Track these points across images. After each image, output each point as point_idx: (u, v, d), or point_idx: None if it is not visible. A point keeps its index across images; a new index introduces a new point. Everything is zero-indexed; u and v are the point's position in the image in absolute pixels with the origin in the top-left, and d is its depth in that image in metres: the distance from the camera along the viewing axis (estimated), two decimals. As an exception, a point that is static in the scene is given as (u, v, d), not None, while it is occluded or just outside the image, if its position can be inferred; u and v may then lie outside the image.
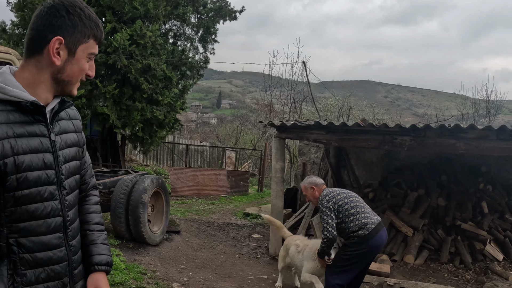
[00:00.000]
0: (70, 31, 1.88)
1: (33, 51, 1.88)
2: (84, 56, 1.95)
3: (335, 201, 5.93)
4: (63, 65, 1.90)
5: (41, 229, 1.89)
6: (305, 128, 9.21)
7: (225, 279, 7.39)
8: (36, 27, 1.87)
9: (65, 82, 1.95)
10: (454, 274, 8.79)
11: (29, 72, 1.89)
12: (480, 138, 7.98)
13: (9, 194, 1.80)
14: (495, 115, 28.83)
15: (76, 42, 1.91)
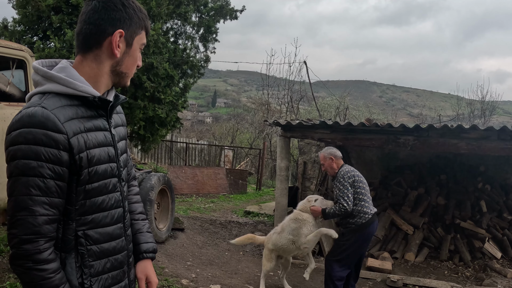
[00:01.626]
0: (128, 24, 1.92)
1: (91, 45, 1.89)
2: (138, 47, 2.00)
3: (354, 180, 6.17)
4: (121, 57, 1.94)
5: (106, 220, 1.95)
6: (310, 127, 9.33)
7: (232, 275, 7.49)
8: (94, 21, 1.87)
9: (123, 74, 1.98)
10: (453, 271, 8.93)
11: (88, 66, 1.91)
12: (481, 138, 8.12)
13: (81, 188, 1.83)
14: (490, 115, 28.98)
15: (132, 34, 1.95)
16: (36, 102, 1.76)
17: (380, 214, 10.08)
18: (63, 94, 1.82)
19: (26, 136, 1.68)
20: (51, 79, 1.83)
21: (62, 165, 1.74)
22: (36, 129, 1.69)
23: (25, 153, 1.68)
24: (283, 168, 9.86)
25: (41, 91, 1.82)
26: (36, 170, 1.69)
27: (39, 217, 1.70)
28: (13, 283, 5.45)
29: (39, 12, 13.63)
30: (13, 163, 1.70)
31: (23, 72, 6.16)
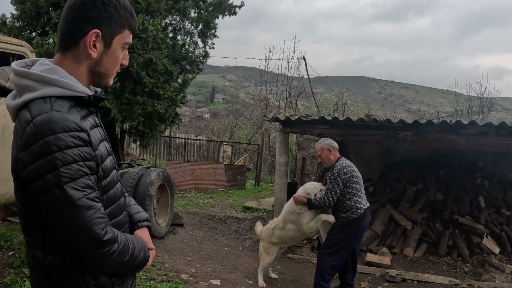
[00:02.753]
0: (106, 23, 1.83)
1: (69, 44, 1.83)
2: (119, 47, 1.92)
3: (349, 176, 6.19)
4: (100, 58, 1.86)
5: (117, 211, 1.97)
6: (309, 122, 9.34)
7: (231, 270, 7.50)
8: (71, 18, 1.80)
9: (102, 75, 1.92)
10: (452, 266, 8.95)
11: (68, 65, 1.85)
12: (480, 134, 8.14)
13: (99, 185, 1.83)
14: (489, 112, 29.00)
15: (112, 34, 1.86)
16: (46, 108, 1.70)
17: (379, 210, 10.12)
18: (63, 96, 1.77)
19: (56, 144, 1.65)
20: (49, 83, 1.76)
21: (93, 160, 1.76)
22: (63, 133, 1.66)
23: (64, 160, 1.65)
24: (282, 164, 9.88)
25: (39, 96, 1.74)
26: (80, 171, 1.69)
27: (102, 209, 1.75)
28: (13, 279, 5.47)
29: (38, 7, 13.60)
30: (52, 174, 1.65)
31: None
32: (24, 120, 1.70)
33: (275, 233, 6.84)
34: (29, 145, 1.66)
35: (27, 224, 1.82)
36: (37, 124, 1.66)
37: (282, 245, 6.95)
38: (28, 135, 1.66)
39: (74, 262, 1.77)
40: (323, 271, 6.21)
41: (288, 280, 7.40)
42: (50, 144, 1.64)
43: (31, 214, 1.77)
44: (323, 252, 6.29)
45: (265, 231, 7.04)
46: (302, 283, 7.25)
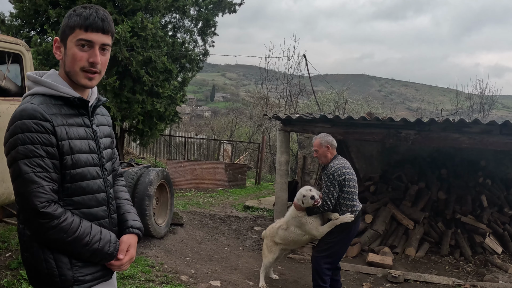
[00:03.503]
0: (61, 31, 2.23)
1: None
2: (73, 45, 2.21)
3: (345, 178, 6.07)
4: (63, 59, 2.24)
5: (91, 203, 2.27)
6: (310, 121, 9.27)
7: (231, 271, 7.43)
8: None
9: (70, 73, 2.24)
10: (454, 266, 8.87)
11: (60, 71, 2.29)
12: (483, 132, 8.06)
13: (66, 172, 2.17)
14: (489, 110, 28.96)
15: (65, 36, 2.21)
16: (26, 101, 2.16)
17: (380, 209, 10.05)
18: (49, 95, 2.19)
19: (21, 127, 2.05)
20: (39, 83, 2.21)
21: (53, 146, 2.11)
22: (28, 119, 2.06)
23: (23, 140, 2.05)
24: (283, 163, 9.80)
25: (30, 93, 2.21)
26: (34, 152, 2.06)
27: (46, 187, 2.07)
28: (10, 281, 5.39)
29: (36, 6, 13.54)
30: (14, 150, 2.06)
31: (19, 67, 6.09)
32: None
33: (279, 233, 6.76)
34: (8, 128, 2.11)
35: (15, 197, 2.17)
36: (16, 112, 2.11)
37: (284, 246, 6.83)
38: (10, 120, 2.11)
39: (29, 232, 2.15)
40: (321, 273, 6.15)
41: (289, 280, 7.33)
42: (17, 127, 2.06)
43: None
44: (319, 256, 6.19)
45: (270, 229, 6.99)
46: (303, 283, 7.17)
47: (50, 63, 12.90)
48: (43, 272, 2.15)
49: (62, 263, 2.15)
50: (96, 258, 2.22)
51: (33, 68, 6.29)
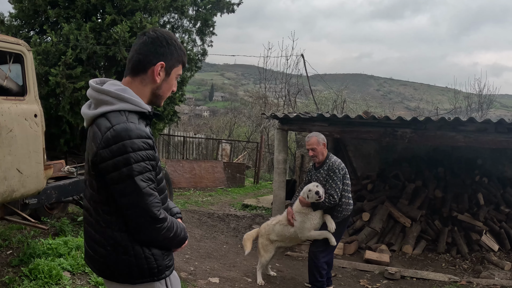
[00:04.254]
0: (169, 58, 2.47)
1: (139, 71, 2.46)
2: (174, 77, 2.57)
3: (345, 172, 6.29)
4: (160, 83, 2.49)
5: (164, 200, 2.58)
6: (307, 120, 9.34)
7: (230, 268, 7.50)
8: (144, 52, 2.43)
9: (159, 96, 2.53)
10: (451, 263, 8.94)
11: (136, 87, 2.45)
12: (479, 131, 8.14)
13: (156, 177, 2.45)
14: (488, 109, 28.97)
15: (172, 66, 2.50)
16: (123, 119, 2.29)
17: (377, 207, 10.12)
18: (133, 111, 2.36)
19: (131, 146, 2.24)
20: (123, 100, 2.35)
21: (155, 160, 2.39)
22: (136, 139, 2.26)
23: (136, 158, 2.25)
24: (280, 161, 9.87)
25: (115, 109, 2.32)
26: (146, 168, 2.30)
27: (158, 197, 2.37)
28: (12, 277, 5.46)
29: (36, 6, 13.57)
30: (127, 168, 2.25)
31: (20, 66, 6.15)
32: (104, 126, 2.28)
33: (275, 229, 6.80)
34: (109, 145, 2.24)
35: (99, 208, 2.40)
36: (117, 131, 2.24)
37: (280, 243, 6.88)
38: (108, 137, 2.25)
39: (136, 237, 2.37)
40: (319, 268, 6.28)
41: (287, 277, 7.40)
42: (127, 146, 2.24)
43: (104, 200, 2.37)
44: (317, 251, 6.32)
45: (265, 227, 7.03)
46: (301, 280, 7.24)
47: (49, 63, 12.94)
48: (144, 267, 2.42)
49: (158, 255, 2.45)
50: (179, 245, 2.58)
51: (34, 68, 6.36)
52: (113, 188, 2.29)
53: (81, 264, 6.09)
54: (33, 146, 6.05)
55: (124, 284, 2.47)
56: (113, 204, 2.35)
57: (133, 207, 2.29)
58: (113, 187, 2.29)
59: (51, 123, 13.89)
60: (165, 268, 2.51)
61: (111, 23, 13.41)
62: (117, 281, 2.48)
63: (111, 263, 2.43)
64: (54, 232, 7.64)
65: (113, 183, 2.28)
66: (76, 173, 8.45)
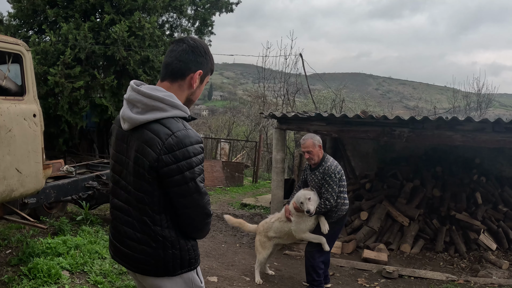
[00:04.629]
0: (205, 66, 2.63)
1: (178, 77, 2.57)
2: (204, 84, 2.72)
3: (341, 174, 6.29)
4: (195, 90, 2.65)
5: None
6: (305, 119, 9.34)
7: (228, 267, 7.51)
8: (184, 59, 2.56)
9: (192, 101, 2.69)
10: (449, 262, 8.96)
11: (174, 92, 2.54)
12: (476, 130, 8.15)
13: None
14: (486, 108, 29.00)
15: (206, 74, 2.66)
16: (181, 126, 2.45)
17: (376, 206, 10.12)
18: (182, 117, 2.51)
19: (193, 151, 2.44)
20: (176, 107, 2.47)
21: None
22: (196, 145, 2.46)
23: (197, 162, 2.46)
24: (279, 161, 9.89)
25: (170, 116, 2.46)
26: (201, 170, 2.52)
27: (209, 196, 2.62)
28: (11, 277, 5.48)
29: (34, 6, 13.60)
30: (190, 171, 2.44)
31: (19, 66, 6.16)
32: (164, 133, 2.40)
33: (274, 226, 6.82)
34: (173, 151, 2.39)
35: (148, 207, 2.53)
36: (179, 137, 2.40)
37: (277, 240, 6.91)
38: (171, 144, 2.39)
39: (187, 230, 2.62)
40: (316, 267, 6.31)
41: (285, 276, 7.42)
42: (190, 151, 2.42)
43: (156, 201, 2.51)
44: (313, 251, 6.34)
45: (263, 225, 7.05)
46: (299, 279, 7.25)
47: (48, 63, 12.97)
48: (186, 258, 2.63)
49: (195, 247, 2.70)
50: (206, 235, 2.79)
51: (33, 68, 6.37)
52: (174, 189, 2.47)
53: (80, 263, 6.12)
54: (32, 146, 6.06)
55: (163, 277, 2.63)
56: (163, 203, 2.53)
57: (193, 206, 2.52)
58: (174, 188, 2.46)
59: (50, 122, 13.93)
60: (198, 258, 2.74)
61: (109, 23, 13.44)
62: (156, 275, 2.63)
63: (156, 259, 2.59)
64: (53, 231, 7.64)
65: (174, 185, 2.45)
66: (74, 172, 8.48)
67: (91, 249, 6.67)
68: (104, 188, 8.57)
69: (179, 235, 2.60)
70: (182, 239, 2.61)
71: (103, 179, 8.64)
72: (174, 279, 2.65)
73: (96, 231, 7.81)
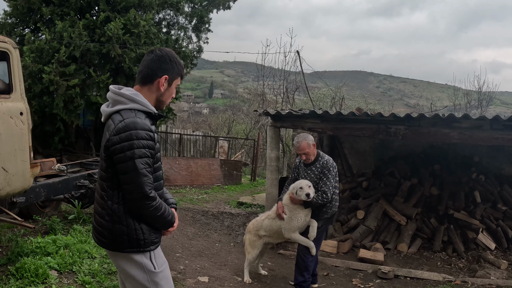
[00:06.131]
0: (171, 72, 3.09)
1: (147, 82, 3.08)
2: (174, 87, 3.20)
3: (337, 169, 6.35)
4: (163, 92, 3.12)
5: (159, 187, 3.13)
6: (300, 117, 9.23)
7: (220, 267, 7.41)
8: (151, 67, 3.05)
9: (162, 102, 3.16)
10: (447, 262, 8.86)
11: (144, 94, 3.07)
12: (473, 127, 8.04)
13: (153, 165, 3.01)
14: (487, 106, 28.89)
15: (172, 79, 3.13)
16: (132, 115, 2.91)
17: (372, 205, 10.03)
18: (141, 110, 2.98)
19: (136, 135, 2.85)
20: (134, 101, 2.98)
21: (153, 149, 2.96)
22: (141, 130, 2.87)
23: (138, 145, 2.85)
24: (273, 159, 9.77)
25: (128, 108, 2.96)
26: (145, 154, 2.89)
27: (151, 179, 2.94)
28: None
29: (30, 4, 13.54)
30: (130, 151, 2.84)
31: (6, 64, 6.07)
32: (117, 119, 2.91)
33: (264, 224, 6.75)
34: (119, 133, 2.85)
35: (104, 183, 2.99)
36: (126, 122, 2.87)
37: (267, 239, 6.81)
38: (119, 127, 2.87)
39: (130, 208, 2.94)
40: (307, 265, 6.30)
41: (278, 276, 7.32)
42: (133, 134, 2.85)
43: (109, 177, 2.96)
44: (305, 249, 6.33)
45: (253, 223, 7.00)
46: (292, 279, 7.15)
47: (43, 61, 12.89)
48: (133, 237, 2.96)
49: (145, 230, 3.00)
50: (165, 226, 3.10)
51: (20, 66, 6.27)
52: (118, 166, 2.89)
53: (68, 263, 6.05)
54: (19, 144, 5.98)
55: (115, 251, 3.03)
56: (115, 180, 2.95)
57: (130, 182, 2.87)
58: (118, 165, 2.89)
59: (45, 121, 13.87)
60: (150, 243, 3.03)
61: (105, 20, 13.35)
62: (110, 249, 3.04)
63: (107, 232, 2.99)
64: (45, 230, 7.58)
65: (118, 162, 2.88)
66: (66, 171, 8.40)
67: (81, 248, 6.60)
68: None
69: (127, 212, 2.97)
70: (130, 217, 2.97)
71: (95, 178, 8.54)
72: (123, 257, 3.04)
73: (87, 230, 7.71)
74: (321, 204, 6.18)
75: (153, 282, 3.09)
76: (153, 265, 3.07)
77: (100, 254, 6.67)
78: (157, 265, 3.10)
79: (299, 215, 6.29)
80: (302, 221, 6.29)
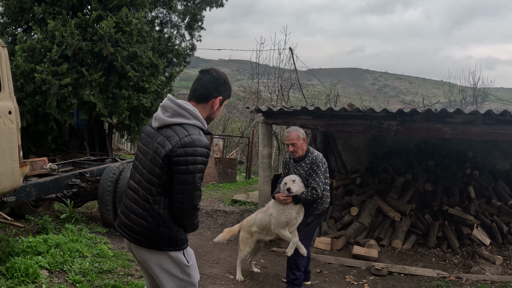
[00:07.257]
0: (224, 94, 3.35)
1: (202, 100, 3.30)
2: (223, 106, 3.44)
3: (327, 165, 6.29)
4: (215, 111, 3.36)
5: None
6: (291, 113, 9.20)
7: (213, 265, 7.38)
8: (208, 87, 3.29)
9: (211, 119, 3.42)
10: (441, 258, 8.84)
11: (199, 111, 3.25)
12: (466, 122, 8.01)
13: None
14: (482, 102, 28.88)
15: (224, 99, 3.39)
16: (196, 132, 3.14)
17: (366, 201, 10.00)
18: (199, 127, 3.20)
19: (200, 152, 3.09)
20: (196, 118, 3.20)
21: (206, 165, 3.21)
22: (204, 148, 3.12)
23: (201, 161, 3.11)
24: (265, 156, 9.73)
25: (191, 124, 3.17)
26: (202, 169, 3.15)
27: (201, 192, 3.29)
28: None
29: (22, 3, 13.48)
30: (193, 166, 3.08)
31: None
32: (182, 133, 3.10)
33: (257, 220, 6.70)
34: (185, 147, 3.06)
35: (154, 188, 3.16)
36: (193, 138, 3.09)
37: (259, 235, 6.75)
38: (185, 141, 3.07)
39: (176, 214, 3.18)
40: (298, 263, 6.24)
41: (270, 274, 7.28)
42: (198, 151, 3.08)
43: (161, 184, 3.14)
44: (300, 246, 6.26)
45: (247, 220, 6.96)
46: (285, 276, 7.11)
47: (35, 60, 12.84)
48: (174, 237, 3.22)
49: (182, 231, 3.28)
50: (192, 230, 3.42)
51: (9, 64, 6.21)
52: (177, 176, 3.09)
53: (59, 262, 6.02)
54: (8, 143, 5.92)
55: (154, 250, 3.23)
56: (166, 187, 3.15)
57: (186, 193, 3.12)
58: (177, 175, 3.09)
59: (38, 120, 13.81)
60: (185, 242, 3.35)
61: (97, 19, 13.30)
62: (147, 247, 3.24)
63: (148, 233, 3.19)
64: (37, 230, 7.54)
65: (178, 173, 3.08)
66: (58, 170, 8.35)
67: (72, 247, 6.56)
68: (88, 185, 8.44)
69: (172, 217, 3.20)
70: (173, 222, 3.21)
71: (87, 177, 8.49)
72: (161, 254, 3.25)
73: (79, 229, 7.66)
74: (311, 200, 6.12)
75: (186, 274, 3.36)
76: (186, 259, 3.36)
77: (91, 253, 6.65)
78: (189, 258, 3.41)
79: (289, 211, 6.22)
80: (292, 217, 6.22)
